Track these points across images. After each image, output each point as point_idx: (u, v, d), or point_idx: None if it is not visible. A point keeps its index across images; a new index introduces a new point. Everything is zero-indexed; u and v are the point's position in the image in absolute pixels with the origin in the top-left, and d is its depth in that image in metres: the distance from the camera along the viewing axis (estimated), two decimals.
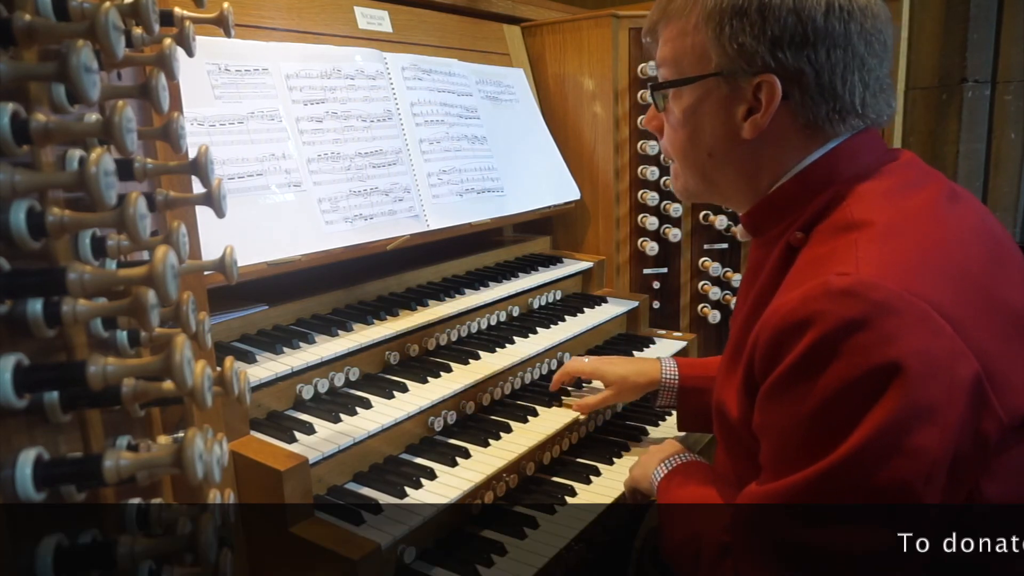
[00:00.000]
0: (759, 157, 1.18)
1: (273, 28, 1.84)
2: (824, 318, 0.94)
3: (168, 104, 0.83)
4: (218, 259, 0.93)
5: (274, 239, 1.62)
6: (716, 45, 1.12)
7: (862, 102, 1.12)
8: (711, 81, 1.15)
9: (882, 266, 0.96)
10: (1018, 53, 2.99)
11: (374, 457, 1.56)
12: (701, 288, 2.68)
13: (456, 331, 1.95)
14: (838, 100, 1.11)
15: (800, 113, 1.12)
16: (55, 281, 0.64)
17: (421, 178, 2.03)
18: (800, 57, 1.08)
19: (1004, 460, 0.98)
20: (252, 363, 1.54)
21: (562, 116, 2.65)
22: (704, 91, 1.17)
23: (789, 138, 1.15)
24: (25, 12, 0.64)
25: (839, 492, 0.95)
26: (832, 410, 0.94)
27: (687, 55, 1.17)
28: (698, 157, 1.23)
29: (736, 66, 1.11)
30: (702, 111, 1.18)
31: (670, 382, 1.72)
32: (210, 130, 1.60)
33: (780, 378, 1.00)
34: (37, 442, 0.65)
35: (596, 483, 1.65)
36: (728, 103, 1.15)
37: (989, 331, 0.97)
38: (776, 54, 1.09)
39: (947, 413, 0.91)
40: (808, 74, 1.09)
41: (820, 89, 1.10)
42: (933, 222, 1.07)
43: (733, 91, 1.14)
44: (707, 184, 1.26)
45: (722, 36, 1.11)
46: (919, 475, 0.91)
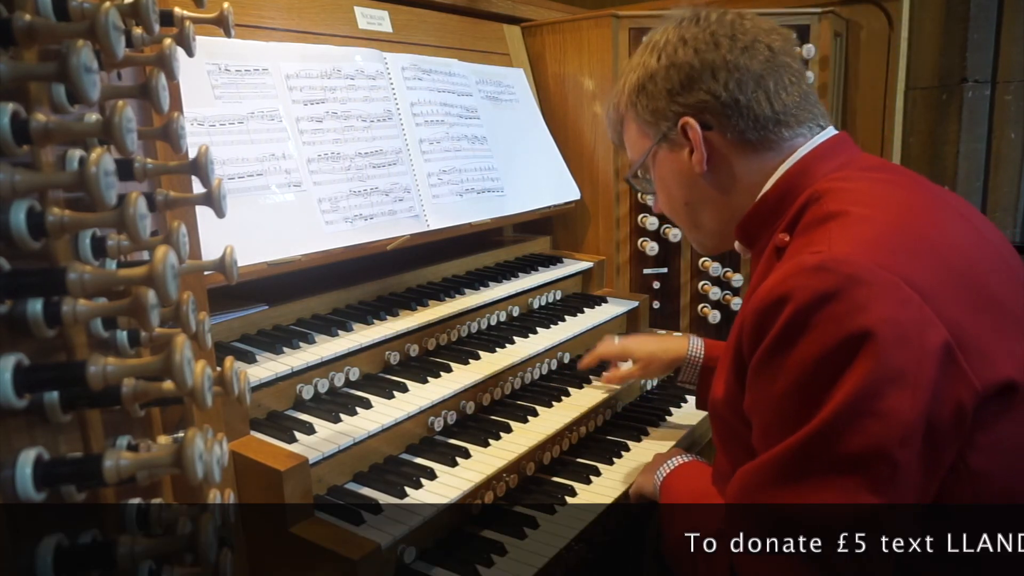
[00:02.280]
0: (721, 185, 1.31)
1: (273, 28, 1.84)
2: (798, 293, 0.99)
3: (168, 104, 0.83)
4: (218, 259, 0.93)
5: (274, 239, 1.62)
6: (643, 123, 1.35)
7: (779, 109, 1.24)
8: (656, 149, 1.36)
9: (853, 243, 1.02)
10: (1018, 53, 2.99)
11: (374, 457, 1.56)
12: (701, 288, 2.68)
13: (456, 331, 1.95)
14: (749, 111, 1.24)
15: (727, 134, 1.26)
16: (55, 281, 0.64)
17: (421, 178, 2.03)
18: (696, 93, 1.26)
19: (989, 434, 1.00)
20: (252, 363, 1.54)
21: (562, 116, 2.65)
22: (654, 159, 1.38)
23: (736, 158, 1.28)
24: (25, 12, 0.64)
25: (818, 458, 0.98)
26: (809, 380, 0.98)
27: (636, 145, 1.40)
28: (681, 211, 1.40)
29: (662, 126, 1.32)
30: (662, 174, 1.38)
31: (695, 359, 1.79)
32: (210, 130, 1.60)
33: (762, 354, 1.05)
34: (37, 442, 0.65)
35: (596, 483, 1.65)
36: (674, 154, 1.33)
37: (961, 304, 1.00)
38: (678, 100, 1.28)
39: (918, 378, 0.94)
40: (710, 102, 1.25)
41: (725, 109, 1.24)
42: (908, 208, 1.12)
43: (672, 145, 1.32)
44: (700, 231, 1.42)
45: (641, 116, 1.34)
46: (893, 438, 0.94)
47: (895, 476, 0.95)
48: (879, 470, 0.95)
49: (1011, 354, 1.02)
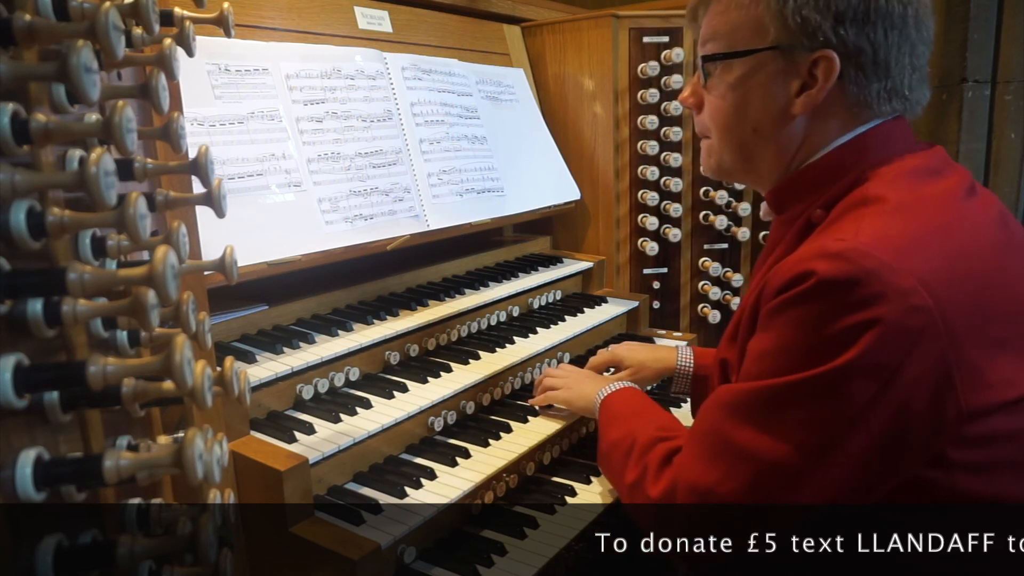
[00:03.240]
0: (802, 134, 1.19)
1: (273, 28, 1.84)
2: (816, 273, 1.00)
3: (168, 104, 0.83)
4: (218, 259, 0.93)
5: (274, 239, 1.62)
6: (777, 18, 1.12)
7: (910, 84, 1.15)
8: (766, 55, 1.14)
9: (879, 238, 1.01)
10: (1018, 53, 2.99)
11: (374, 457, 1.56)
12: (701, 288, 2.68)
13: (456, 331, 1.95)
14: (890, 79, 1.13)
15: (851, 91, 1.14)
16: (55, 281, 0.64)
17: (421, 178, 2.03)
18: (861, 34, 1.10)
19: (973, 428, 1.01)
20: (252, 363, 1.54)
21: (562, 116, 2.65)
22: (757, 64, 1.16)
23: (836, 115, 1.17)
24: (25, 12, 0.64)
25: (777, 406, 1.05)
26: (801, 347, 1.03)
27: (742, 28, 1.16)
28: (742, 133, 1.23)
29: (796, 40, 1.11)
30: (752, 85, 1.18)
31: (685, 369, 1.77)
32: (210, 130, 1.60)
33: (770, 309, 1.08)
34: (37, 442, 0.65)
35: (596, 483, 1.65)
36: (782, 78, 1.15)
37: (978, 319, 1.01)
38: (838, 30, 1.09)
39: (898, 378, 0.97)
40: (866, 52, 1.11)
41: (875, 67, 1.12)
42: (945, 207, 1.11)
43: (789, 65, 1.14)
44: (744, 161, 1.27)
45: (785, 9, 1.11)
46: (843, 418, 1.00)
47: (829, 453, 1.01)
48: (816, 441, 1.02)
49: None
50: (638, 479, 1.23)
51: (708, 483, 1.09)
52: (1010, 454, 1.04)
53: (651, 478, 1.20)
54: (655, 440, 1.26)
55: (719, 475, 1.08)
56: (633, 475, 1.24)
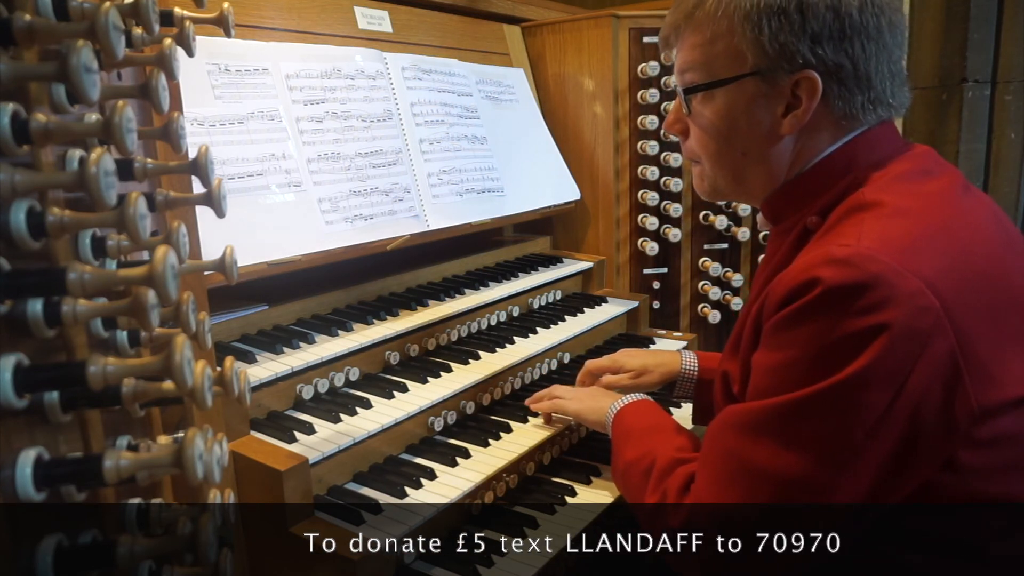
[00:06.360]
0: (793, 150, 1.21)
1: (273, 28, 1.84)
2: (823, 281, 1.00)
3: (168, 104, 0.83)
4: (218, 259, 0.93)
5: (274, 239, 1.62)
6: (754, 45, 1.12)
7: (892, 91, 1.16)
8: (747, 81, 1.15)
9: (882, 241, 1.01)
10: (1018, 53, 2.99)
11: (374, 457, 1.56)
12: (701, 288, 2.68)
13: (456, 331, 1.95)
14: (872, 90, 1.14)
15: (836, 105, 1.15)
16: (55, 281, 0.64)
17: (421, 178, 2.03)
18: (839, 51, 1.10)
19: (983, 430, 1.01)
20: (252, 363, 1.54)
21: (562, 116, 2.65)
22: (738, 91, 1.17)
23: (824, 129, 1.18)
24: (25, 12, 0.64)
25: (793, 421, 1.03)
26: (812, 358, 1.01)
27: (719, 57, 1.17)
28: (732, 157, 1.24)
29: (775, 65, 1.12)
30: (736, 112, 1.19)
31: (689, 373, 1.75)
32: (210, 130, 1.60)
33: (775, 323, 1.07)
34: (37, 442, 0.65)
35: (596, 483, 1.65)
36: (765, 101, 1.16)
37: (984, 317, 1.01)
38: (816, 50, 1.10)
39: (910, 382, 0.97)
40: (847, 67, 1.11)
41: (857, 81, 1.13)
42: (942, 206, 1.11)
43: (771, 89, 1.15)
44: (737, 183, 1.28)
45: (761, 36, 1.11)
46: (861, 427, 0.99)
47: (851, 462, 1.00)
48: (839, 454, 1.00)
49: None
50: (658, 507, 1.20)
51: (728, 507, 1.07)
52: (1018, 456, 1.04)
53: (671, 509, 1.17)
54: (675, 463, 1.23)
55: (738, 498, 1.06)
56: (653, 499, 1.22)
